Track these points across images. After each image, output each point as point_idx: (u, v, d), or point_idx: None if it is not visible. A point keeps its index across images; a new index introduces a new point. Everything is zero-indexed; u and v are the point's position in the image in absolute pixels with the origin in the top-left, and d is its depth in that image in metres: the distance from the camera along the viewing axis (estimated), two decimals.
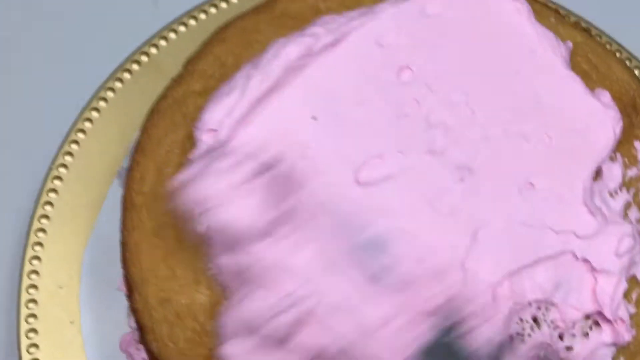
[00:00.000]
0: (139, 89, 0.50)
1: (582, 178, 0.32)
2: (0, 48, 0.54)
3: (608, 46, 0.46)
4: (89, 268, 0.45)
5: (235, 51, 0.36)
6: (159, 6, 0.58)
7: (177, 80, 0.36)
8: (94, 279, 0.45)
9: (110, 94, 0.49)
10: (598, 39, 0.44)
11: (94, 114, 0.49)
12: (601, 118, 0.33)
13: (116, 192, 0.47)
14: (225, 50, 0.36)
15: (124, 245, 0.34)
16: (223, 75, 0.35)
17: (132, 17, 0.56)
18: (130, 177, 0.35)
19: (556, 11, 0.39)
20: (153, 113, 0.36)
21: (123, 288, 0.36)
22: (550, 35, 0.35)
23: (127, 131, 0.49)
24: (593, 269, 0.31)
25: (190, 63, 0.37)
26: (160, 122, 0.35)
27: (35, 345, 0.43)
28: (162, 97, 0.36)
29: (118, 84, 0.50)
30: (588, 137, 0.33)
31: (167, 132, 0.35)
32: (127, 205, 0.34)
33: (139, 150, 0.35)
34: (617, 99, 0.36)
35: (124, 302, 0.44)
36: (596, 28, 0.49)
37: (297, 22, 0.36)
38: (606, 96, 0.34)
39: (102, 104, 0.49)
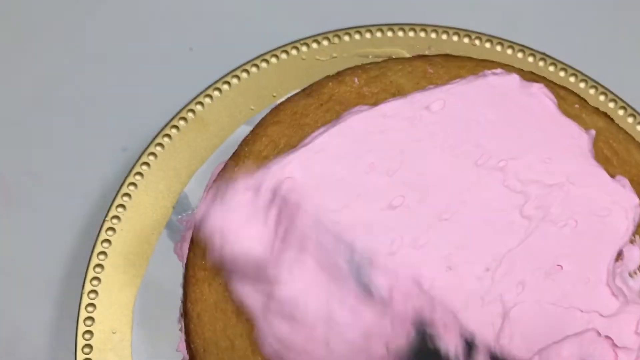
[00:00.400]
0: (185, 144, 0.53)
1: (605, 261, 0.35)
2: (49, 91, 0.58)
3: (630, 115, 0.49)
4: (139, 315, 0.49)
5: (287, 133, 0.40)
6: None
7: (234, 161, 0.40)
8: (144, 327, 0.48)
9: (159, 149, 0.53)
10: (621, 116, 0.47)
11: (144, 167, 0.52)
12: (623, 205, 0.37)
13: (164, 242, 0.51)
14: (278, 132, 0.40)
15: (187, 315, 0.37)
16: (277, 156, 0.39)
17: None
18: (192, 252, 0.38)
19: (579, 97, 0.42)
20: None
21: (183, 351, 0.40)
22: (574, 126, 0.38)
23: (175, 185, 0.53)
24: (614, 346, 0.34)
25: (246, 144, 0.40)
26: None
27: None
28: (219, 177, 0.40)
29: (166, 139, 0.53)
30: (610, 223, 0.36)
31: None
32: (191, 279, 0.37)
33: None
34: (637, 183, 0.39)
35: (174, 350, 0.47)
36: (612, 93, 0.53)
37: (343, 107, 0.40)
38: (626, 183, 0.38)
39: (151, 158, 0.53)
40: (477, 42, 0.57)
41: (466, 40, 0.57)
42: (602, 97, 0.52)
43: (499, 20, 0.63)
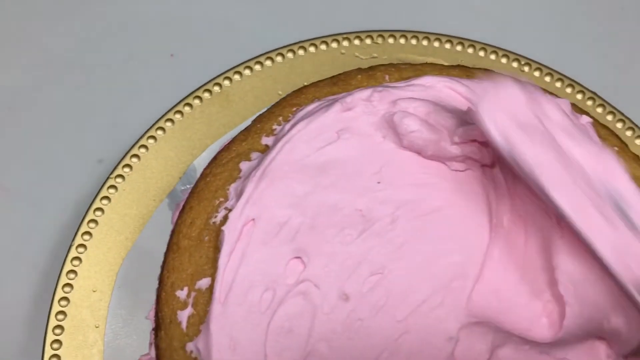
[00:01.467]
0: (205, 117, 0.52)
1: None
2: (24, 101, 0.55)
3: None
4: (123, 279, 0.47)
5: None
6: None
7: (244, 135, 0.38)
8: (127, 290, 0.47)
9: (177, 116, 0.52)
10: None
11: (159, 132, 0.51)
12: None
13: (163, 211, 0.50)
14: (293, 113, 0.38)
15: (161, 283, 0.36)
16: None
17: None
18: (181, 219, 0.36)
19: (620, 140, 0.39)
20: (215, 162, 0.38)
21: (152, 320, 0.38)
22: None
23: (185, 156, 0.51)
24: None
25: (259, 120, 0.38)
26: (220, 173, 0.36)
27: (59, 342, 0.45)
28: (226, 149, 0.38)
29: (187, 109, 0.52)
30: None
31: (224, 184, 0.36)
32: (173, 246, 0.35)
33: (194, 195, 0.37)
34: None
35: (150, 324, 0.46)
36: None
37: None
38: None
39: (168, 124, 0.51)
40: (519, 65, 0.55)
41: (515, 64, 0.55)
42: (599, 109, 0.50)
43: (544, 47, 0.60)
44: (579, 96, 0.52)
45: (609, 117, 0.50)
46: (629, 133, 0.50)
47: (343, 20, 0.60)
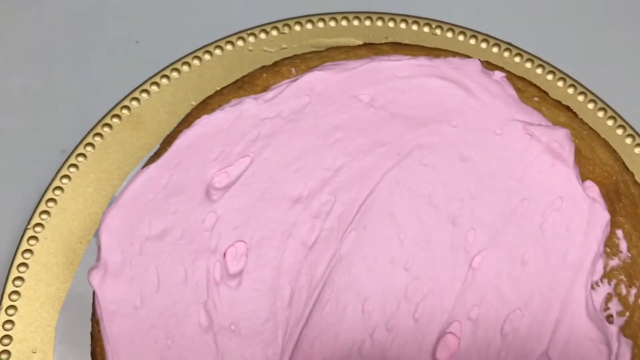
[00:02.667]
0: (118, 144, 0.49)
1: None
2: (29, 57, 0.53)
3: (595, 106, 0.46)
4: (61, 334, 0.44)
5: None
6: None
7: (153, 159, 0.36)
8: (67, 345, 0.44)
9: (89, 150, 0.48)
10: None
11: (73, 170, 0.48)
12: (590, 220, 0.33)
13: (93, 251, 0.47)
14: None
15: (94, 338, 0.33)
16: None
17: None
18: None
19: (540, 89, 0.38)
20: None
21: None
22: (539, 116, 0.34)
23: (106, 188, 0.48)
24: None
25: (167, 141, 0.36)
26: None
27: None
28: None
29: (98, 139, 0.49)
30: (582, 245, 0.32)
31: None
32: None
33: None
34: (600, 182, 0.35)
35: None
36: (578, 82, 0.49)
37: None
38: (595, 191, 0.34)
39: (80, 159, 0.48)
40: (437, 31, 0.53)
41: (426, 29, 0.53)
42: (570, 90, 0.49)
43: (464, 10, 0.59)
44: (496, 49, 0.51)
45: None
46: (549, 77, 0.49)
47: (246, 15, 0.58)
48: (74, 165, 0.48)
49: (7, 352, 0.43)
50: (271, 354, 0.31)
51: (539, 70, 0.51)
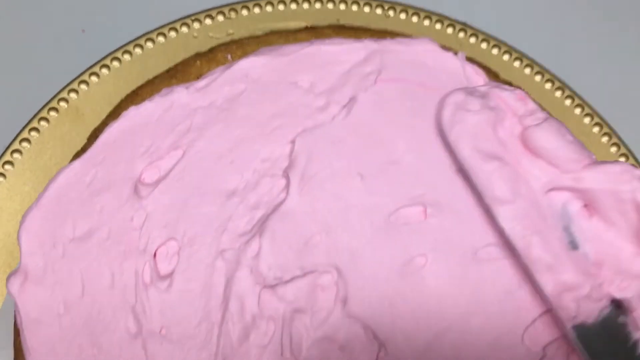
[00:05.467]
0: (57, 138, 0.46)
1: None
2: None
3: None
4: None
5: None
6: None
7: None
8: None
9: (25, 145, 0.46)
10: None
11: (8, 167, 0.45)
12: None
13: None
14: None
15: (16, 349, 0.31)
16: None
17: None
18: None
19: (490, 70, 0.37)
20: None
21: None
22: None
23: (44, 186, 0.46)
24: None
25: (96, 132, 0.34)
26: None
27: None
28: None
29: (34, 134, 0.46)
30: None
31: None
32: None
33: None
34: None
35: None
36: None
37: None
38: None
39: (16, 156, 0.46)
40: (390, 12, 0.51)
41: (379, 11, 0.51)
42: (527, 70, 0.47)
43: None
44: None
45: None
46: (505, 57, 0.48)
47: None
48: (9, 162, 0.46)
49: None
50: (205, 357, 0.29)
51: (495, 51, 0.49)
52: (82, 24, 0.55)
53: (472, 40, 0.50)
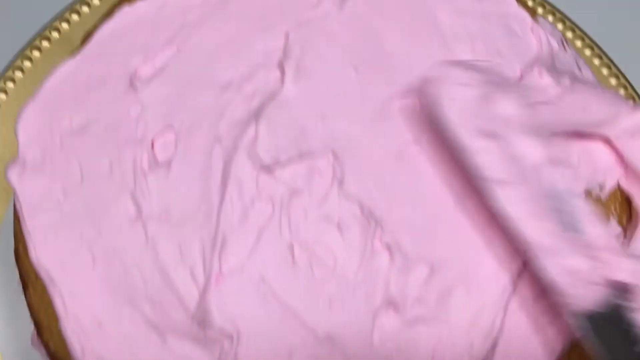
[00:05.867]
0: (50, 68, 0.46)
1: None
2: None
3: None
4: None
5: None
6: None
7: None
8: (2, 273, 0.42)
9: (18, 74, 0.46)
10: None
11: (1, 95, 0.45)
12: None
13: None
14: None
15: (17, 236, 0.31)
16: None
17: None
18: None
19: None
20: None
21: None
22: None
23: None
24: None
25: (89, 33, 0.34)
26: None
27: None
28: None
29: (27, 64, 0.46)
30: None
31: None
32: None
33: None
34: None
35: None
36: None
37: None
38: None
39: (10, 85, 0.46)
40: None
41: None
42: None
43: None
44: None
45: None
46: None
47: None
48: (3, 90, 0.46)
49: None
50: (206, 234, 0.30)
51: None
52: None
53: None
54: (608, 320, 0.28)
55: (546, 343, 0.31)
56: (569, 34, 0.48)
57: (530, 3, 0.47)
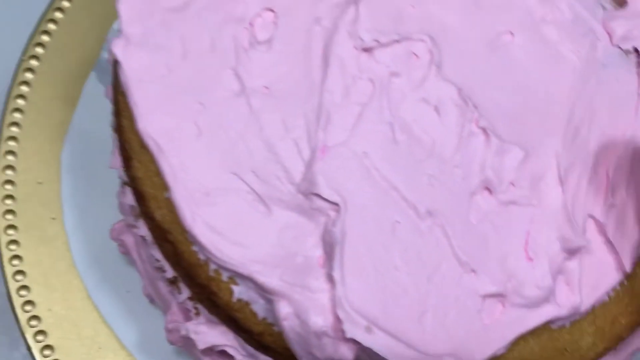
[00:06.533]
0: None
1: None
2: None
3: None
4: (68, 164, 0.43)
5: None
6: None
7: None
8: (74, 175, 0.42)
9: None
10: None
11: (65, 2, 0.45)
12: None
13: (94, 84, 0.45)
14: None
15: (119, 111, 0.32)
16: None
17: None
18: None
19: None
20: None
21: (116, 163, 0.34)
22: None
23: (103, 21, 0.46)
24: None
25: None
26: None
27: (16, 242, 0.40)
28: None
29: None
30: None
31: None
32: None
33: None
34: None
35: (108, 196, 0.42)
36: None
37: None
38: None
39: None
40: None
41: None
42: None
43: None
44: None
45: None
46: None
47: None
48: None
49: (11, 182, 0.41)
50: (309, 109, 0.30)
51: None
52: None
53: None
54: None
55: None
56: None
57: None
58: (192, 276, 0.30)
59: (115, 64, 0.31)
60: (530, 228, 0.30)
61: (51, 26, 0.45)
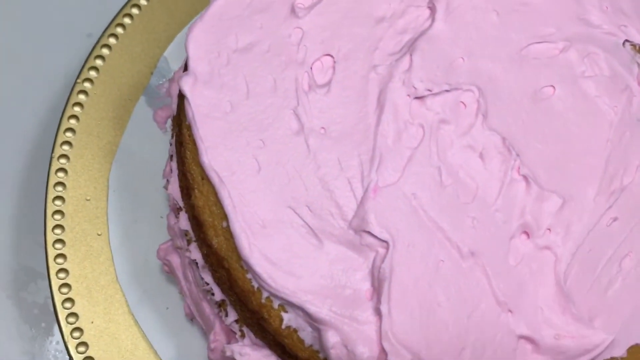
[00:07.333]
0: (165, 6, 0.49)
1: None
2: None
3: None
4: (115, 183, 0.45)
5: None
6: None
7: None
8: (121, 194, 0.44)
9: (135, 11, 0.48)
10: None
11: (119, 29, 0.47)
12: None
13: (142, 108, 0.47)
14: None
15: (183, 144, 0.33)
16: None
17: None
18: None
19: None
20: None
21: (174, 189, 0.36)
22: None
23: (153, 48, 0.48)
24: None
25: None
26: None
27: (63, 256, 0.42)
28: None
29: (143, 1, 0.48)
30: None
31: None
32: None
33: None
34: None
35: (152, 216, 0.44)
36: None
37: None
38: None
39: (127, 20, 0.48)
40: None
41: None
42: None
43: None
44: None
45: None
46: None
47: None
48: (121, 25, 0.48)
49: (61, 198, 0.43)
50: (363, 151, 0.32)
51: None
52: None
53: None
54: None
55: None
56: None
57: None
58: (244, 302, 0.32)
59: (181, 98, 0.33)
60: (564, 271, 0.32)
61: (105, 51, 0.47)
